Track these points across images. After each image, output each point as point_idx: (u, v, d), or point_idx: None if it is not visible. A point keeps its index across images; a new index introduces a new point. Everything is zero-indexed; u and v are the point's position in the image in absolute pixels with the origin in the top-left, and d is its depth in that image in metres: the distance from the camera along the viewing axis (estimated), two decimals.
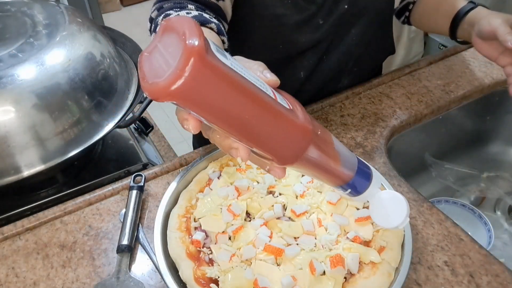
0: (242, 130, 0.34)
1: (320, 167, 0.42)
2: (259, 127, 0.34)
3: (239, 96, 0.32)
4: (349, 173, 0.45)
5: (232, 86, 0.32)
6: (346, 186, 0.46)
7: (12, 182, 0.71)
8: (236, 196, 0.65)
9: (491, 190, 0.97)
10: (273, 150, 0.37)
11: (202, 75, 0.29)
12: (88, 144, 0.76)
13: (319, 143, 0.40)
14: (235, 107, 0.32)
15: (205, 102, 0.31)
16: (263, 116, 0.34)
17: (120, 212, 0.71)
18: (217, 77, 0.31)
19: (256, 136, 0.35)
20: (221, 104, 0.32)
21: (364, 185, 0.47)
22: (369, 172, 0.47)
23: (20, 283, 0.62)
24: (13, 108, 0.71)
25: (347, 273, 0.56)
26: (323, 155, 0.41)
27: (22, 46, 0.76)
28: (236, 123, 0.33)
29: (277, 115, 0.35)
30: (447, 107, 0.94)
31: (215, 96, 0.31)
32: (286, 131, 0.36)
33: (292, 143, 0.37)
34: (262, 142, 0.36)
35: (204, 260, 0.59)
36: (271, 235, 0.60)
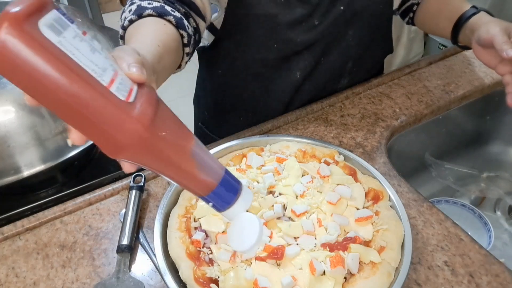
0: (61, 111, 0.33)
1: (158, 169, 0.40)
2: (76, 110, 0.33)
3: (52, 74, 0.31)
4: (203, 186, 0.42)
5: (45, 61, 0.31)
6: (206, 198, 0.44)
7: (12, 182, 0.71)
8: None
9: (491, 190, 0.97)
10: (99, 140, 0.35)
11: (11, 42, 0.29)
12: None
13: (156, 143, 0.37)
14: (46, 84, 0.31)
15: (14, 71, 0.31)
16: (78, 100, 0.33)
17: (120, 212, 0.71)
18: (30, 48, 0.30)
19: (78, 122, 0.34)
20: (32, 78, 0.31)
21: (224, 205, 0.44)
22: (235, 190, 0.44)
23: (20, 283, 0.62)
24: (13, 108, 0.71)
25: (347, 273, 0.56)
26: (173, 154, 0.39)
27: None
28: (52, 101, 0.33)
29: (96, 102, 0.33)
30: (447, 107, 0.94)
31: (25, 68, 0.30)
32: (108, 119, 0.34)
33: (114, 134, 0.35)
34: (86, 130, 0.35)
35: (204, 260, 0.59)
36: (271, 235, 0.60)
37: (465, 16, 0.80)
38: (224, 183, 0.43)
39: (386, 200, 0.65)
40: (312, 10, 0.81)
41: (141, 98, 0.37)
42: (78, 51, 0.33)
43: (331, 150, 0.73)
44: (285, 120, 0.88)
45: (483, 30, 0.73)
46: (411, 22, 0.98)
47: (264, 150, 0.75)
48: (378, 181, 0.68)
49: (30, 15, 0.30)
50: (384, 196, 0.66)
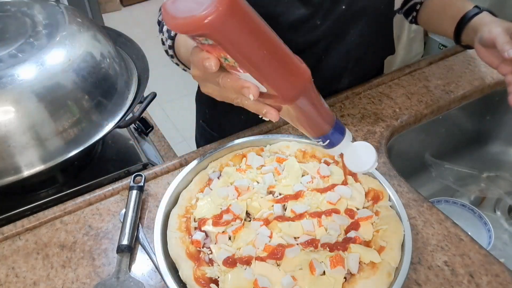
0: (259, 65, 0.41)
1: (310, 113, 0.49)
2: (273, 64, 0.41)
3: (262, 33, 0.39)
4: (328, 126, 0.51)
5: (257, 24, 0.39)
6: (324, 137, 0.52)
7: (12, 182, 0.71)
8: (236, 196, 0.65)
9: (491, 190, 0.97)
10: (280, 86, 0.43)
11: (235, 9, 0.36)
12: (88, 144, 0.76)
13: (313, 90, 0.47)
14: (258, 43, 0.39)
15: (234, 35, 0.38)
16: (277, 54, 0.41)
17: (120, 212, 0.71)
18: (247, 14, 0.38)
19: (269, 72, 0.42)
20: (247, 38, 0.38)
21: (339, 138, 0.53)
22: (343, 127, 0.53)
23: (20, 283, 0.62)
24: (13, 108, 0.71)
25: (347, 273, 0.56)
26: (315, 102, 0.48)
27: (22, 46, 0.76)
28: (256, 58, 0.40)
29: (287, 56, 0.43)
30: (447, 107, 0.94)
31: (243, 30, 0.38)
32: (293, 71, 0.43)
33: (296, 82, 0.44)
34: (273, 78, 0.42)
35: (204, 260, 0.59)
36: (271, 235, 0.60)
37: (468, 16, 0.80)
38: (337, 124, 0.53)
39: (386, 200, 0.65)
40: (314, 10, 0.81)
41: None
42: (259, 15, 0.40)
43: None
44: (285, 120, 0.88)
45: (485, 30, 0.73)
46: (414, 21, 0.98)
47: (264, 150, 0.75)
48: (378, 181, 0.68)
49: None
50: (384, 196, 0.66)
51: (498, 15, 0.78)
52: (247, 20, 0.38)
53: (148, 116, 1.08)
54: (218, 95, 0.50)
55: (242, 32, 0.38)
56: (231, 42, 0.38)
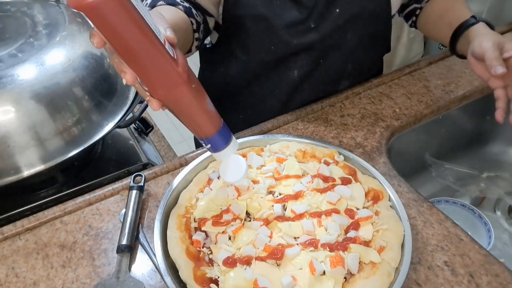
0: (130, 57, 0.44)
1: (186, 114, 0.52)
2: (143, 59, 0.45)
3: (134, 28, 0.42)
4: (211, 130, 0.55)
5: (130, 18, 0.42)
6: (206, 140, 0.56)
7: (12, 182, 0.71)
8: (236, 196, 0.65)
9: (491, 190, 0.97)
10: (149, 82, 0.47)
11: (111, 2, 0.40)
12: (88, 144, 0.76)
13: (189, 92, 0.50)
14: (127, 35, 0.42)
15: (107, 23, 0.41)
16: (148, 51, 0.44)
17: (120, 212, 0.71)
18: (125, 6, 0.41)
19: (139, 66, 0.45)
20: (120, 30, 0.42)
21: (222, 146, 0.57)
22: (229, 136, 0.58)
23: (20, 283, 0.62)
24: (13, 108, 0.71)
25: (347, 273, 0.56)
26: (190, 104, 0.51)
27: (22, 46, 0.76)
28: (127, 50, 0.44)
29: (159, 54, 0.45)
30: (447, 107, 0.94)
31: (118, 21, 0.41)
32: (163, 69, 0.46)
33: (164, 81, 0.47)
34: (143, 73, 0.46)
35: (204, 260, 0.59)
36: (271, 235, 0.60)
37: (463, 26, 0.79)
38: (223, 129, 0.57)
39: (386, 200, 0.65)
40: (307, 13, 0.81)
41: (179, 57, 0.49)
42: (146, 13, 0.43)
43: (331, 150, 0.73)
44: (285, 120, 0.88)
45: (476, 43, 0.73)
46: (414, 26, 0.97)
47: (264, 150, 0.75)
48: (378, 181, 0.68)
49: None
50: (384, 196, 0.66)
51: (498, 16, 0.78)
52: (122, 12, 0.41)
53: (148, 116, 1.08)
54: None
55: (116, 22, 0.41)
56: (105, 29, 0.41)
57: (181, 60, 0.48)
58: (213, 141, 0.56)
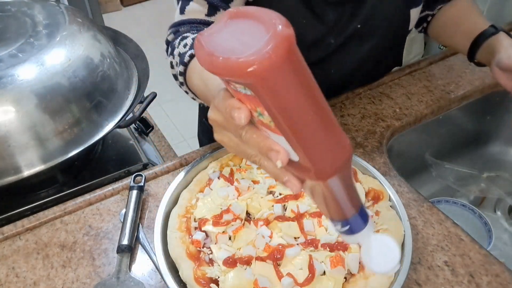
0: (301, 131, 0.33)
1: (339, 195, 0.40)
2: (317, 132, 0.34)
3: (312, 93, 0.32)
4: (353, 210, 0.44)
5: (309, 81, 0.32)
6: (344, 222, 0.44)
7: (12, 182, 0.71)
8: (236, 196, 0.65)
9: (491, 190, 0.97)
10: (317, 160, 0.35)
11: (290, 60, 0.30)
12: (88, 144, 0.76)
13: (350, 170, 0.39)
14: (306, 104, 0.32)
15: (281, 91, 0.31)
16: (324, 121, 0.34)
17: (120, 212, 0.71)
18: (301, 67, 0.31)
19: (310, 140, 0.34)
20: (296, 97, 0.31)
21: (361, 227, 0.45)
22: (368, 215, 0.46)
23: (20, 283, 0.62)
24: (13, 108, 0.71)
25: (347, 273, 0.56)
26: (347, 184, 0.40)
27: (22, 46, 0.76)
28: (300, 121, 0.33)
29: (334, 125, 0.35)
30: (447, 107, 0.94)
31: (294, 86, 0.31)
32: (336, 144, 0.36)
33: (336, 159, 0.36)
34: (312, 149, 0.35)
35: (204, 260, 0.59)
36: (271, 235, 0.60)
37: (484, 36, 0.79)
38: (362, 209, 0.45)
39: (386, 200, 0.65)
40: (329, 29, 0.80)
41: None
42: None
43: None
44: None
45: (504, 56, 0.72)
46: (424, 32, 0.97)
47: None
48: (378, 181, 0.68)
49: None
50: (384, 196, 0.66)
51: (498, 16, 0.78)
52: (298, 75, 0.31)
53: (148, 116, 1.08)
54: (233, 147, 0.42)
55: (291, 88, 0.31)
56: (275, 98, 0.31)
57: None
58: (353, 222, 0.44)
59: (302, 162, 0.36)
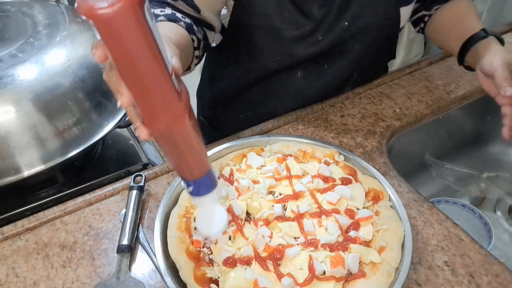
0: (132, 80, 0.40)
1: (174, 152, 0.48)
2: (146, 85, 0.41)
3: (144, 50, 0.38)
4: (194, 174, 0.51)
5: (143, 39, 0.37)
6: (186, 182, 0.52)
7: (12, 182, 0.71)
8: (236, 196, 0.65)
9: (491, 190, 0.97)
10: (147, 111, 0.43)
11: (131, 13, 0.35)
12: (88, 144, 0.76)
13: (187, 129, 0.46)
14: (137, 57, 0.38)
15: (117, 39, 0.37)
16: (153, 78, 0.40)
17: (120, 212, 0.71)
18: (137, 24, 0.36)
19: (141, 91, 0.41)
20: (127, 48, 0.37)
21: (203, 192, 0.52)
22: (212, 185, 0.53)
23: (20, 283, 0.62)
24: (13, 108, 0.71)
25: (347, 273, 0.56)
26: (184, 142, 0.47)
27: (22, 46, 0.76)
28: (131, 71, 0.39)
29: (165, 83, 0.41)
30: (447, 107, 0.94)
31: (128, 38, 0.37)
32: (164, 100, 0.42)
33: (163, 113, 0.43)
34: (143, 99, 0.42)
35: (204, 260, 0.59)
36: (271, 235, 0.60)
37: (473, 39, 0.78)
38: (210, 173, 0.52)
39: (386, 200, 0.65)
40: (316, 25, 0.80)
41: (183, 90, 0.45)
42: (158, 36, 0.40)
43: (331, 150, 0.73)
44: (285, 120, 0.88)
45: (486, 61, 0.72)
46: (422, 32, 0.97)
47: (264, 150, 0.75)
48: (378, 181, 0.68)
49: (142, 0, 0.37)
50: (384, 196, 0.66)
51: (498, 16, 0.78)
52: (137, 31, 0.37)
53: None
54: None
55: (128, 40, 0.37)
56: (114, 45, 0.37)
57: (185, 94, 0.45)
58: (197, 184, 0.52)
59: (138, 108, 0.43)
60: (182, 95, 0.44)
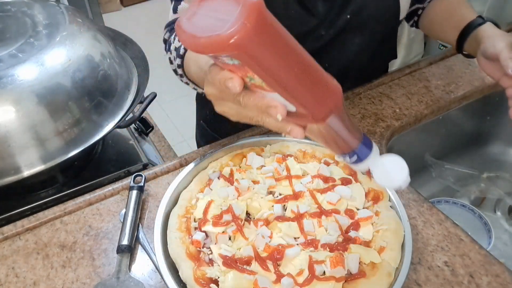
0: (290, 84, 0.38)
1: (340, 131, 0.45)
2: (304, 82, 0.38)
3: (292, 50, 0.37)
4: (356, 141, 0.48)
5: (286, 39, 0.36)
6: (351, 153, 0.49)
7: (12, 182, 0.71)
8: (236, 196, 0.65)
9: (491, 191, 0.97)
10: (311, 106, 0.40)
11: (264, 25, 0.33)
12: (88, 144, 0.76)
13: (344, 107, 0.43)
14: (288, 60, 0.36)
15: (264, 54, 0.35)
16: (308, 72, 0.38)
17: (120, 212, 0.71)
18: (276, 29, 0.35)
19: (300, 91, 0.39)
20: (277, 56, 0.36)
21: (367, 153, 0.49)
22: (370, 141, 0.50)
23: (20, 283, 0.62)
24: (13, 108, 0.71)
25: (347, 273, 0.56)
26: (345, 120, 0.44)
27: (22, 46, 0.76)
28: (287, 77, 0.37)
29: (319, 72, 0.40)
30: (447, 107, 0.94)
31: (273, 47, 0.35)
32: (325, 89, 0.40)
33: (327, 101, 0.41)
34: (304, 97, 0.39)
35: (204, 260, 0.59)
36: (271, 235, 0.60)
37: (471, 26, 0.79)
38: (364, 137, 0.49)
39: (386, 201, 0.65)
40: (320, 21, 0.81)
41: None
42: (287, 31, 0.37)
43: None
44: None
45: (489, 44, 0.73)
46: (415, 26, 0.97)
47: (264, 151, 0.75)
48: None
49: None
50: (384, 197, 0.66)
51: (498, 16, 0.78)
52: (276, 36, 0.35)
53: (148, 116, 1.08)
54: (235, 114, 0.46)
55: (272, 50, 0.35)
56: (260, 62, 0.35)
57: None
58: (360, 151, 0.48)
59: (299, 111, 0.41)
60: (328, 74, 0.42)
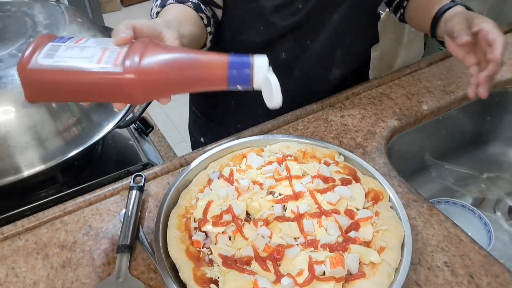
0: (77, 97, 0.51)
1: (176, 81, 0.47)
2: (88, 92, 0.48)
3: (64, 78, 0.46)
4: (221, 71, 0.46)
5: (56, 75, 0.46)
6: (230, 77, 0.46)
7: (12, 182, 0.71)
8: (236, 197, 0.65)
9: (491, 191, 0.97)
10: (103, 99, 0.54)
11: (27, 76, 0.47)
12: (88, 144, 0.76)
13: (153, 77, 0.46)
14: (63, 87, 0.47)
15: (43, 88, 0.48)
16: (87, 85, 0.47)
17: (120, 212, 0.71)
18: (42, 74, 0.46)
19: (89, 96, 0.50)
20: (55, 87, 0.47)
21: (247, 77, 0.46)
22: (246, 62, 0.46)
23: (20, 283, 0.62)
24: (13, 108, 0.71)
25: (347, 274, 0.56)
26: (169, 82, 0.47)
27: (22, 46, 0.76)
28: (71, 94, 0.49)
29: (97, 80, 0.46)
30: (447, 108, 0.94)
31: (47, 84, 0.47)
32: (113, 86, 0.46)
33: (118, 95, 0.48)
34: (91, 97, 0.51)
35: (204, 260, 0.59)
36: (271, 235, 0.60)
37: (441, 10, 0.80)
38: (233, 60, 0.46)
39: (386, 201, 0.65)
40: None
41: (129, 54, 0.46)
42: (69, 57, 0.47)
43: (331, 150, 0.73)
44: (285, 120, 0.88)
45: (451, 23, 0.74)
46: (403, 19, 0.97)
47: (264, 151, 0.75)
48: (378, 181, 0.68)
49: (30, 56, 0.47)
50: (384, 197, 0.66)
51: (498, 16, 0.78)
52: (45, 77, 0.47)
53: (148, 116, 1.08)
54: None
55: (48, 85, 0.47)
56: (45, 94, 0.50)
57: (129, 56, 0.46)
58: (233, 79, 0.46)
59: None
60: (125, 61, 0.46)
